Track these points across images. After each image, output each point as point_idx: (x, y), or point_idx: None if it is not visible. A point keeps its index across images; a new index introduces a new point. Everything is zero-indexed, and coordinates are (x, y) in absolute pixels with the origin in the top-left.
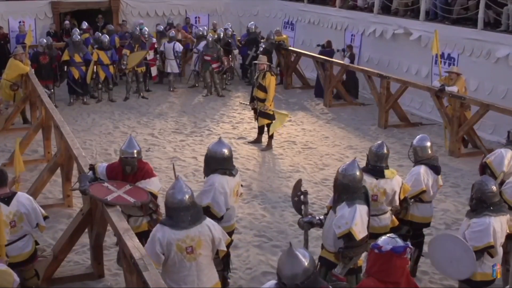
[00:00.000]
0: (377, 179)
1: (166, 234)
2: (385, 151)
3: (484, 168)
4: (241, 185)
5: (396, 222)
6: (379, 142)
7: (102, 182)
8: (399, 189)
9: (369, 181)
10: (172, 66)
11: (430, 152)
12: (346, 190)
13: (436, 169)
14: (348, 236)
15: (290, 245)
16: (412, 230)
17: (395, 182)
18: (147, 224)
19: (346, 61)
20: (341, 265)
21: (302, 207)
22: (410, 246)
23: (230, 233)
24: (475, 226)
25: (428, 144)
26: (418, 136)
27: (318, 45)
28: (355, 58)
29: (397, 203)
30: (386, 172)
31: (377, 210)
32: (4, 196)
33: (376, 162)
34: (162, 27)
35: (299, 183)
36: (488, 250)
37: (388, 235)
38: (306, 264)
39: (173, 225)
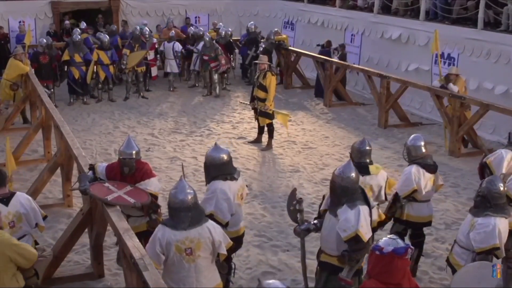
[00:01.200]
0: (362, 175)
1: (166, 234)
2: (368, 147)
3: (483, 168)
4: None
5: (383, 217)
6: (361, 139)
7: (102, 182)
8: (385, 183)
9: None
10: (171, 66)
11: (424, 151)
12: (345, 192)
13: (429, 168)
14: (355, 239)
15: (258, 281)
16: (411, 230)
17: (380, 177)
18: (145, 225)
19: None
20: (347, 268)
21: (298, 215)
22: (411, 247)
23: (239, 238)
24: (480, 227)
25: (421, 143)
26: (411, 136)
27: (318, 45)
28: (346, 58)
29: (383, 197)
30: (371, 167)
31: None
32: (3, 196)
33: (360, 158)
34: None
35: (294, 192)
36: (494, 252)
37: (389, 236)
38: None
39: (173, 226)
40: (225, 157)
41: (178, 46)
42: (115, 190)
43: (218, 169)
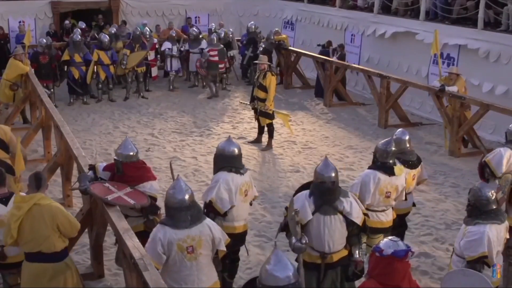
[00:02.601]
0: (389, 176)
1: (167, 234)
2: (393, 147)
3: (483, 167)
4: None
5: (395, 214)
6: (387, 139)
7: (103, 182)
8: (405, 183)
9: (383, 178)
10: (167, 66)
11: (408, 146)
12: (337, 187)
13: (408, 164)
14: (365, 220)
15: (275, 245)
16: None
17: (403, 178)
18: (143, 225)
19: None
20: (357, 249)
21: (297, 228)
22: (412, 250)
23: (239, 235)
24: (470, 235)
25: (405, 138)
26: (397, 130)
27: (319, 45)
28: (345, 58)
29: (403, 197)
30: (396, 169)
31: (386, 206)
32: (2, 196)
33: (385, 159)
34: (114, 28)
35: (292, 202)
36: (483, 260)
37: (390, 238)
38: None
39: (174, 225)
40: (235, 150)
41: (167, 45)
42: (115, 190)
43: (226, 161)
